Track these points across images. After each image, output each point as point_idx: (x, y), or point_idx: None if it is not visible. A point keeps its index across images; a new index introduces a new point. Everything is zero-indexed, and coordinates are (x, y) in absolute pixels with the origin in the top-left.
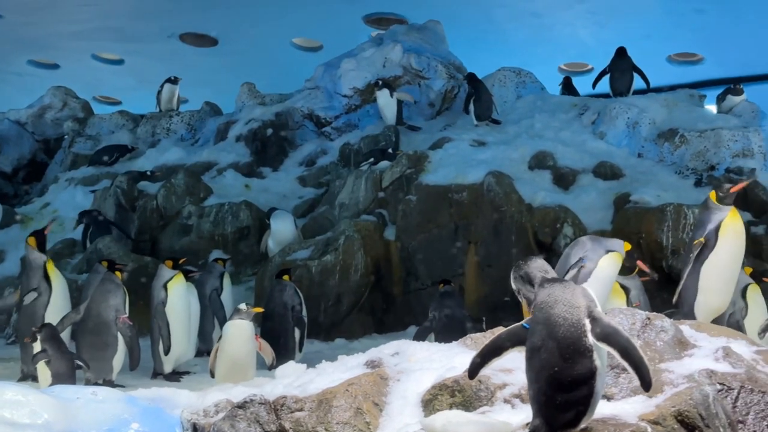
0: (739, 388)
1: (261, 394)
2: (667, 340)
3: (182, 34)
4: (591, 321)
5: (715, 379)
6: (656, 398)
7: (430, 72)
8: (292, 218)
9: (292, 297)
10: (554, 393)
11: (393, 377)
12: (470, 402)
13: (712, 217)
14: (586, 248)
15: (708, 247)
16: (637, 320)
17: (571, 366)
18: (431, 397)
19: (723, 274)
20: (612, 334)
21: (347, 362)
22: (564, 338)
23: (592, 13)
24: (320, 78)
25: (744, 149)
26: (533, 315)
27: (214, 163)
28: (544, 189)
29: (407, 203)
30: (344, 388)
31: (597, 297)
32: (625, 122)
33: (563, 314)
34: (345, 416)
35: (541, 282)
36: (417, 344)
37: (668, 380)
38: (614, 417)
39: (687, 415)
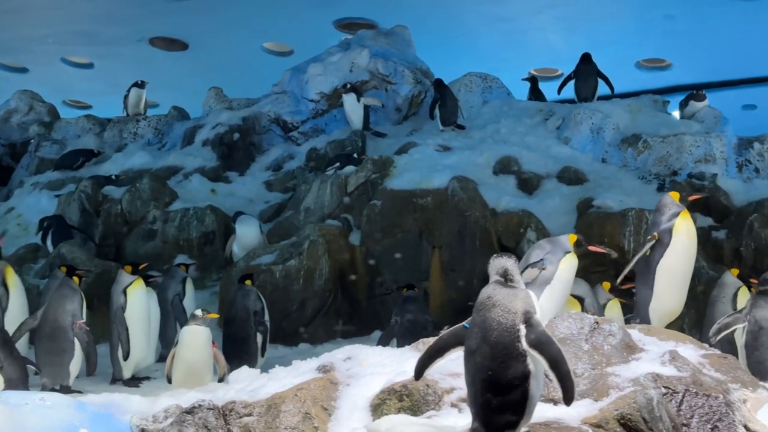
0: (684, 391)
1: (209, 400)
2: (615, 344)
3: (152, 38)
4: (527, 327)
5: (660, 383)
6: (602, 402)
7: (397, 77)
8: (257, 223)
9: (254, 302)
10: (489, 396)
11: (343, 382)
12: (418, 406)
13: (664, 218)
14: (545, 251)
15: (662, 247)
16: (585, 324)
17: (504, 370)
18: (380, 401)
19: (677, 274)
20: (545, 342)
21: (300, 367)
22: (497, 342)
23: (562, 18)
24: (287, 82)
25: (706, 155)
26: (472, 316)
27: (180, 168)
28: (509, 194)
29: (372, 208)
30: (293, 392)
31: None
32: (590, 127)
33: (498, 318)
34: (293, 421)
35: (488, 283)
36: (369, 349)
37: (614, 384)
38: (558, 420)
39: (630, 418)
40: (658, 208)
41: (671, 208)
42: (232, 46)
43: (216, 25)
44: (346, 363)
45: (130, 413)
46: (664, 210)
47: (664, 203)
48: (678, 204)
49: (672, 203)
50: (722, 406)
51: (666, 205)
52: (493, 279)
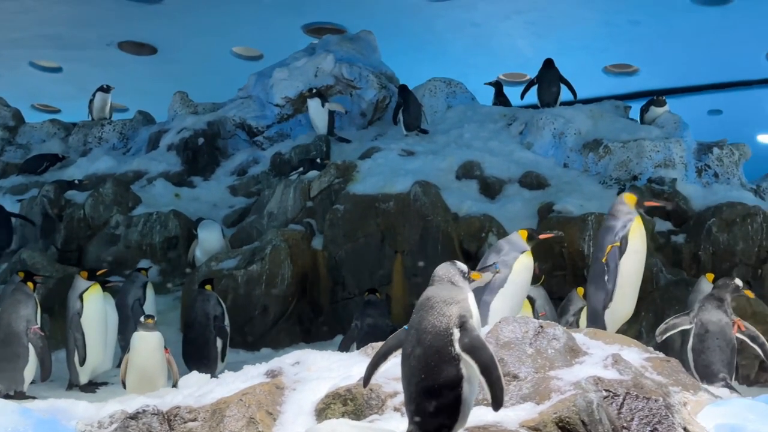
0: (625, 394)
1: (154, 405)
2: (559, 348)
3: (121, 43)
4: (461, 331)
5: (601, 386)
6: (543, 405)
7: (362, 82)
8: (219, 228)
9: (214, 307)
10: (423, 399)
11: (289, 386)
12: (361, 410)
13: (619, 223)
14: (501, 252)
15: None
16: (530, 328)
17: (437, 373)
18: (324, 406)
19: (632, 278)
20: (477, 348)
21: (249, 372)
22: (430, 346)
23: (530, 23)
24: (253, 87)
25: (666, 159)
26: (411, 319)
27: (144, 172)
28: (471, 198)
29: (334, 213)
30: (238, 397)
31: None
32: (552, 132)
33: (433, 321)
34: (237, 426)
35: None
36: (318, 354)
37: (556, 387)
38: (496, 423)
39: (568, 421)
40: (612, 212)
41: (626, 213)
42: (201, 51)
43: (185, 30)
44: (295, 368)
45: (76, 419)
46: (619, 215)
47: (619, 208)
48: (632, 209)
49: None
50: (662, 409)
51: (621, 210)
52: (434, 282)
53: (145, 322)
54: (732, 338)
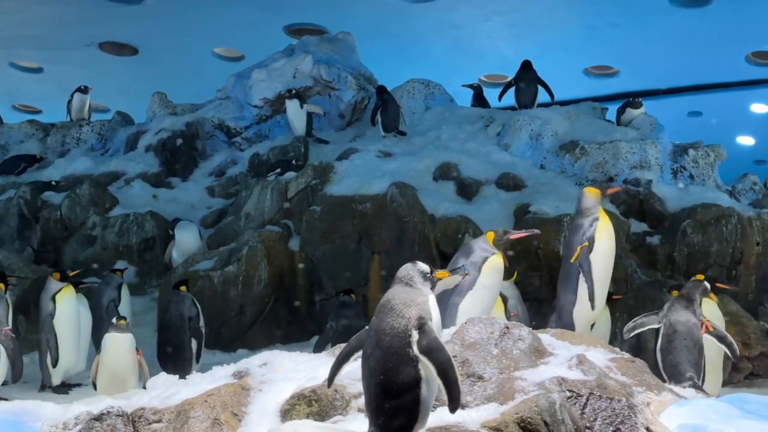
0: (588, 394)
1: (118, 406)
2: (524, 349)
3: (102, 43)
4: (419, 333)
5: (565, 386)
6: (506, 405)
7: (341, 83)
8: (196, 229)
9: (189, 308)
10: (382, 400)
11: (255, 387)
12: (326, 411)
13: (586, 222)
14: (471, 254)
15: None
16: (495, 329)
17: (395, 374)
18: (289, 407)
19: (601, 278)
20: (435, 349)
21: (216, 373)
22: (389, 347)
23: (511, 25)
24: (231, 88)
25: (641, 161)
26: (372, 320)
27: (122, 173)
28: (448, 200)
29: (311, 214)
30: (203, 398)
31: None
32: (529, 134)
33: (392, 323)
34: (202, 427)
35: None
36: (286, 355)
37: (520, 388)
38: (458, 424)
39: (530, 421)
40: (579, 210)
41: (591, 210)
42: (182, 51)
43: (166, 30)
44: (262, 369)
45: (42, 420)
46: (585, 212)
47: (584, 205)
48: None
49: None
50: (625, 409)
51: (587, 206)
52: (395, 284)
53: (117, 323)
54: (699, 339)
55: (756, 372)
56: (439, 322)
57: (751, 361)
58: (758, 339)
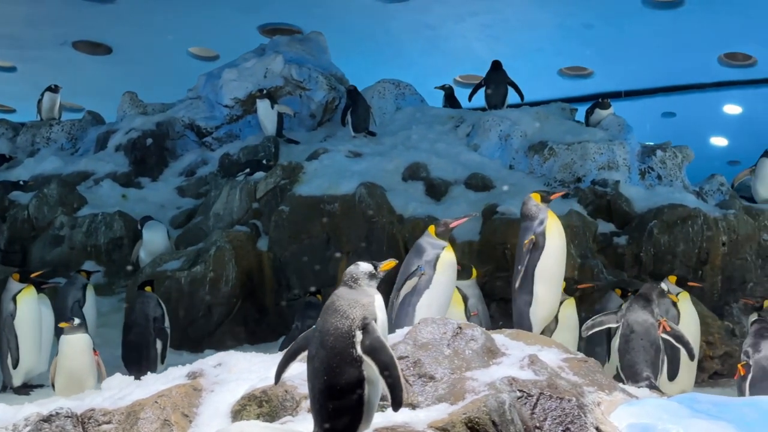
0: (539, 394)
1: (68, 407)
2: (476, 349)
3: (76, 42)
4: (363, 333)
5: (515, 386)
6: (456, 406)
7: (311, 83)
8: (164, 228)
9: (154, 308)
10: (326, 401)
11: (207, 388)
12: (276, 412)
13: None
14: (423, 253)
15: (537, 251)
16: (448, 329)
17: (339, 375)
18: (240, 407)
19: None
20: (378, 349)
21: (171, 373)
22: (333, 348)
23: (485, 26)
24: (202, 88)
25: (609, 162)
26: (317, 320)
27: (91, 173)
28: (416, 200)
29: (280, 214)
30: (153, 399)
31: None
32: (498, 134)
33: (336, 324)
34: (151, 428)
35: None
36: (241, 355)
37: (471, 388)
38: (405, 424)
39: (477, 421)
40: (524, 213)
41: (539, 212)
42: (157, 51)
43: (140, 30)
44: (216, 369)
45: None
46: (532, 215)
47: (530, 209)
48: (542, 206)
49: (537, 206)
50: (575, 409)
51: (532, 209)
52: (342, 285)
53: (71, 324)
54: (657, 339)
55: (720, 371)
56: (385, 323)
57: (716, 361)
58: (722, 339)
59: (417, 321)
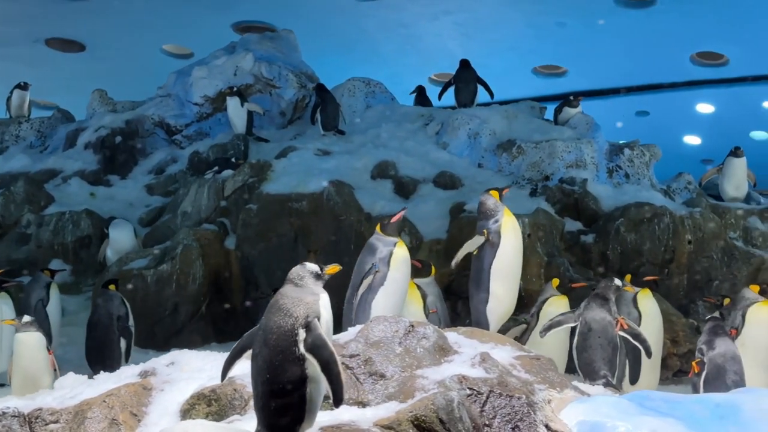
0: (488, 392)
1: (15, 407)
2: (428, 347)
3: (48, 39)
4: (306, 331)
5: (465, 384)
6: (405, 404)
7: (281, 81)
8: (131, 227)
9: (118, 307)
10: (269, 399)
11: (158, 387)
12: (225, 411)
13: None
14: (376, 251)
15: (492, 249)
16: (400, 327)
17: (282, 373)
18: (189, 406)
19: (510, 274)
20: (319, 346)
21: (123, 372)
22: (275, 346)
23: (458, 24)
24: (172, 85)
25: (577, 160)
26: (261, 320)
27: (59, 171)
28: (385, 198)
29: (247, 212)
30: (102, 399)
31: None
32: (467, 133)
33: (279, 322)
34: (98, 427)
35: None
36: (194, 353)
37: (421, 386)
38: (351, 423)
39: (424, 419)
40: (480, 210)
41: (494, 210)
42: (130, 48)
43: (114, 27)
44: (169, 368)
45: None
46: (488, 213)
47: (488, 206)
48: (498, 202)
49: (492, 203)
50: (524, 407)
51: (489, 207)
52: (287, 284)
53: (22, 323)
54: (614, 336)
55: (685, 369)
56: (330, 322)
57: (680, 359)
58: (687, 336)
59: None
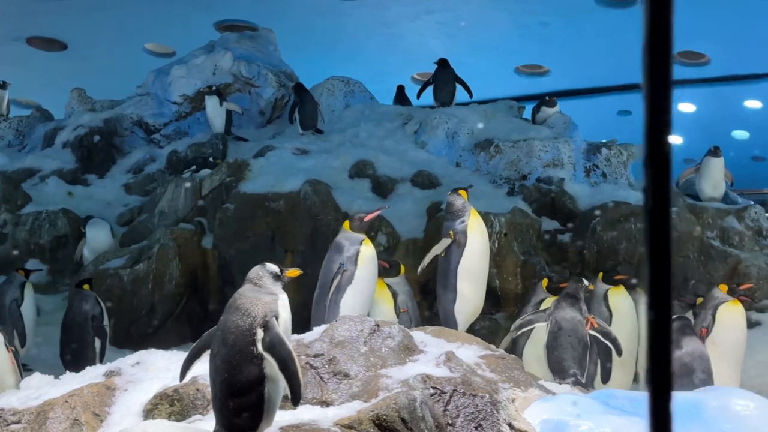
0: (452, 391)
1: None
2: (393, 346)
3: (30, 38)
4: (264, 331)
5: (429, 384)
6: (368, 403)
7: (261, 80)
8: (107, 226)
9: (92, 307)
10: (227, 398)
11: (121, 387)
12: (187, 411)
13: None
14: (343, 250)
15: (459, 249)
16: (365, 327)
17: (239, 373)
18: (152, 406)
19: (477, 274)
20: (277, 345)
21: (88, 372)
22: (233, 345)
23: (441, 24)
24: (151, 84)
25: (554, 159)
26: (219, 320)
27: (37, 170)
28: (362, 197)
29: (224, 212)
30: (64, 399)
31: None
32: (445, 132)
33: (237, 322)
34: (60, 428)
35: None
36: (160, 353)
37: (384, 385)
38: (311, 422)
39: (385, 419)
40: (448, 210)
41: (462, 210)
42: (112, 47)
43: (96, 26)
44: (135, 368)
45: None
46: (455, 213)
47: (455, 206)
48: (466, 202)
49: (460, 203)
50: (488, 406)
51: (457, 207)
52: (245, 283)
53: None
54: (584, 335)
55: None
56: (288, 322)
57: None
58: None
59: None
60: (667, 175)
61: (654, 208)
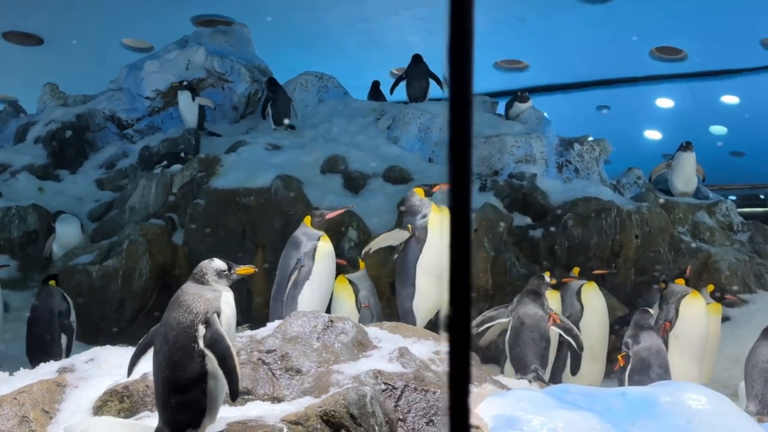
0: (404, 387)
1: None
2: (346, 342)
3: (6, 33)
4: (206, 327)
5: (381, 379)
6: (318, 399)
7: (234, 75)
8: (77, 222)
9: (59, 302)
10: (169, 395)
11: (72, 384)
12: (137, 407)
13: (417, 218)
14: (300, 245)
15: (419, 244)
16: (319, 323)
17: (181, 369)
18: (102, 403)
19: (436, 270)
20: (217, 341)
21: (41, 369)
22: (175, 342)
23: (419, 19)
24: (124, 79)
25: (526, 155)
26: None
27: (8, 165)
28: (334, 193)
29: (195, 207)
30: (13, 396)
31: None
32: (418, 127)
33: (179, 318)
34: (8, 425)
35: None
36: (114, 350)
37: (336, 381)
38: (258, 418)
39: (333, 414)
40: (407, 207)
41: (421, 206)
42: (90, 42)
43: (73, 20)
44: (88, 364)
45: None
46: (413, 209)
47: (413, 203)
48: (425, 201)
49: (420, 201)
50: (440, 401)
51: (415, 203)
52: (189, 280)
53: None
54: (546, 331)
55: None
56: (231, 319)
57: None
58: None
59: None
60: (467, 172)
61: (454, 205)
